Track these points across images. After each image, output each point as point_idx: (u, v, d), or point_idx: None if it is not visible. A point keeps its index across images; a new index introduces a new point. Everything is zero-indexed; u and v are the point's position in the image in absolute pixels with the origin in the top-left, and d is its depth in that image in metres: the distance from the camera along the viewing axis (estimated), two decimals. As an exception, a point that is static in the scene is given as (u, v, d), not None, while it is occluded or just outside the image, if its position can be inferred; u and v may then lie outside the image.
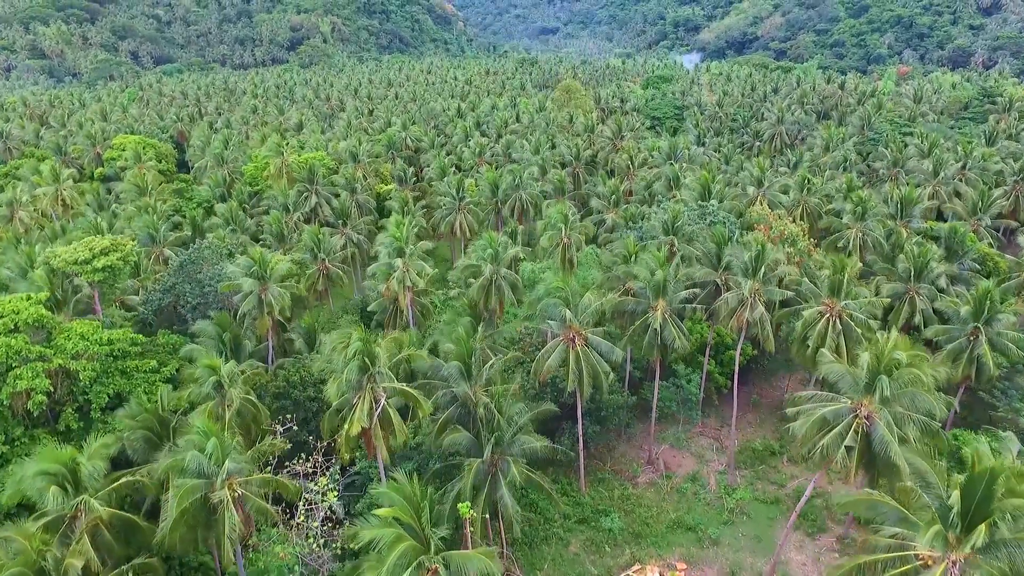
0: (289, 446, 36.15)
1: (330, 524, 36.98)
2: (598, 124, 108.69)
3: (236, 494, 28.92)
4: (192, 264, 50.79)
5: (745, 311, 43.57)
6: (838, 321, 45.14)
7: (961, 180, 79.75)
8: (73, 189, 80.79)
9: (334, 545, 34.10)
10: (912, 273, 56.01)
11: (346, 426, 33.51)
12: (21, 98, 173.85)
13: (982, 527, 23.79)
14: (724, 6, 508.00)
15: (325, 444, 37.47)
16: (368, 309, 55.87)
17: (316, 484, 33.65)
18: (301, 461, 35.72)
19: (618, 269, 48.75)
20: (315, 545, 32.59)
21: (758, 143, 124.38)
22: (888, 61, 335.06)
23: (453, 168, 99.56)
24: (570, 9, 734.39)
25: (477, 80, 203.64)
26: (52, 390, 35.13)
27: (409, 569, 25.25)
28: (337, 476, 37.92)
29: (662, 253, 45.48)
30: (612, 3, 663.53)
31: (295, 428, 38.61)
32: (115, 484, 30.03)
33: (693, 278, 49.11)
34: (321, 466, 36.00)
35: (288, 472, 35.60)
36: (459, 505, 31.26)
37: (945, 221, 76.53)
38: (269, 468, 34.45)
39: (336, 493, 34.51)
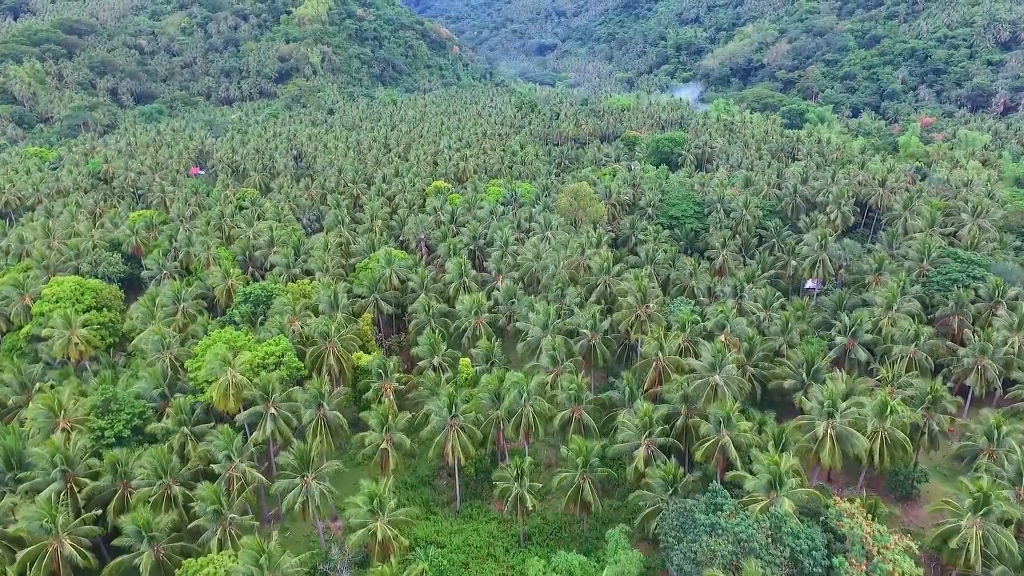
0: None
1: None
2: (614, 265, 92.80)
3: None
4: None
5: None
6: None
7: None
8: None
9: None
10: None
11: None
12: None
13: None
14: (728, 29, 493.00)
15: None
16: None
17: None
18: None
19: None
20: None
21: (794, 262, 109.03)
22: (903, 98, 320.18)
23: (445, 329, 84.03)
24: (568, 25, 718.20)
25: (474, 146, 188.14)
26: None
27: None
28: None
29: None
30: (611, 20, 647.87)
31: None
32: None
33: None
34: None
35: None
36: None
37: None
38: None
39: None
